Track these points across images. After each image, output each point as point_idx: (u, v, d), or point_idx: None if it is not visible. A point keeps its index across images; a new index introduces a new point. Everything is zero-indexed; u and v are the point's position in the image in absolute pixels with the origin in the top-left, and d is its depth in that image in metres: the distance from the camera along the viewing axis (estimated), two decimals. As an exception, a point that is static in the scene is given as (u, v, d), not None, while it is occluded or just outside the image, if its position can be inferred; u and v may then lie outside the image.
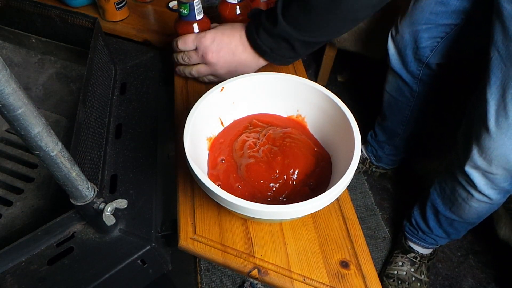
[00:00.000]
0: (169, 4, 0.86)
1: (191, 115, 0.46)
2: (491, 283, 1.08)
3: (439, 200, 0.88)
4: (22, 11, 0.68)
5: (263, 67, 0.62)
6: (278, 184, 0.47)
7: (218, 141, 0.52)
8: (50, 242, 0.47)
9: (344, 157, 0.44)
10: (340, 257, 0.48)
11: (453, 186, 0.81)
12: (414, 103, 1.01)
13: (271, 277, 0.46)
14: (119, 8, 0.79)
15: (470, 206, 0.79)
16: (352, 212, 0.53)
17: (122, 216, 0.50)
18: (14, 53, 0.73)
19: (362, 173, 1.30)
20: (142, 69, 0.72)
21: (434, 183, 0.90)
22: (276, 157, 0.48)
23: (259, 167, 0.47)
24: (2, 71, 0.26)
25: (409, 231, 1.04)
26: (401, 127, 1.09)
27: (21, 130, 0.30)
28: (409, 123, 1.07)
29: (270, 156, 0.48)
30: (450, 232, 0.92)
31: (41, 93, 0.72)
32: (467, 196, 0.78)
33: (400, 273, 1.04)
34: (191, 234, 0.50)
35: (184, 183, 0.55)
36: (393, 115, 1.08)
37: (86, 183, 0.40)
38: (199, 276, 1.03)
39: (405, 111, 1.04)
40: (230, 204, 0.39)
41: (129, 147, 0.59)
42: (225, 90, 0.51)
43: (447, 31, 0.82)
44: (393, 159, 1.23)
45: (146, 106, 0.65)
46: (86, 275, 0.45)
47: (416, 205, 1.00)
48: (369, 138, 1.22)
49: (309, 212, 0.39)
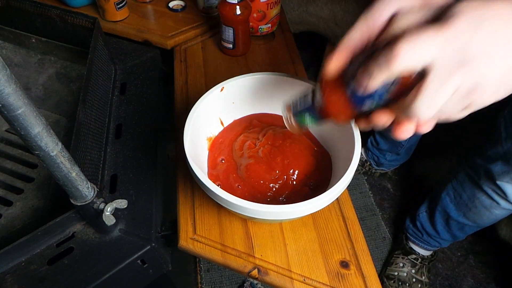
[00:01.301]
0: (169, 4, 0.86)
1: (191, 115, 0.46)
2: (491, 283, 1.08)
3: (452, 206, 0.87)
4: (22, 11, 0.68)
5: (264, 67, 0.62)
6: (278, 185, 0.47)
7: (218, 141, 0.52)
8: (50, 242, 0.47)
9: (344, 157, 0.44)
10: (340, 257, 0.48)
11: (473, 194, 0.80)
12: None
13: (271, 277, 0.46)
14: (119, 8, 0.79)
15: (491, 213, 0.78)
16: (352, 212, 0.53)
17: (122, 216, 0.50)
18: (14, 53, 0.73)
19: (362, 173, 1.29)
20: (142, 69, 0.72)
21: (447, 188, 0.88)
22: (276, 157, 0.48)
23: (259, 168, 0.47)
24: (2, 71, 0.26)
25: (413, 233, 1.03)
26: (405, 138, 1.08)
27: (21, 130, 0.30)
28: (415, 134, 1.06)
29: (270, 156, 0.48)
30: (458, 236, 0.92)
31: (41, 93, 0.72)
32: (491, 203, 0.77)
33: (400, 274, 1.04)
34: (191, 234, 0.50)
35: (184, 183, 0.55)
36: None
37: (86, 183, 0.40)
38: (199, 276, 1.03)
39: None
40: (230, 204, 0.39)
41: (129, 147, 0.59)
42: (225, 90, 0.51)
43: None
44: (394, 164, 1.23)
45: (146, 106, 0.65)
46: (86, 275, 0.45)
47: (422, 208, 0.99)
48: (369, 145, 1.21)
49: (309, 212, 0.39)
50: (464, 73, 0.25)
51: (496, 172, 0.72)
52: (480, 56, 0.24)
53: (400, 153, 1.15)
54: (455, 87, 0.25)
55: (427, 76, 0.26)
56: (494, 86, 0.25)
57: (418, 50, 0.25)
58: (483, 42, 0.24)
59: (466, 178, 0.82)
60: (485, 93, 0.26)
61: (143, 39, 0.79)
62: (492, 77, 0.25)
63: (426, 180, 1.24)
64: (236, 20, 0.69)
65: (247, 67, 0.74)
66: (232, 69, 0.74)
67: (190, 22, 0.82)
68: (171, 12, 0.85)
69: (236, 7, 0.67)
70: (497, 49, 0.24)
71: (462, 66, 0.25)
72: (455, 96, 0.26)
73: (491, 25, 0.24)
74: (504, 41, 0.24)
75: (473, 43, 0.24)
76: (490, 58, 0.24)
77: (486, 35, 0.24)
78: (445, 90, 0.25)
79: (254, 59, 0.76)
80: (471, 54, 0.24)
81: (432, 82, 0.26)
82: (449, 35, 0.24)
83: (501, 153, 0.71)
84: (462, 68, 0.25)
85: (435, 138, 1.22)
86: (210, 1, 0.81)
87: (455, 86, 0.25)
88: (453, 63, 0.25)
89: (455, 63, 0.25)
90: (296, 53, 0.77)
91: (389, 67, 0.26)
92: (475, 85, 0.25)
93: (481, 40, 0.24)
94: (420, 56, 0.25)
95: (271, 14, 0.76)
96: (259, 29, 0.78)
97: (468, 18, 0.24)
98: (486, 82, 0.25)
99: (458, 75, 0.25)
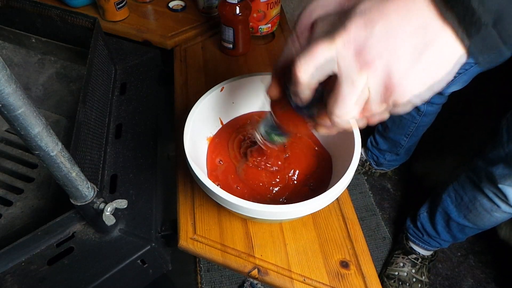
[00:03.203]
0: (169, 4, 0.86)
1: (191, 115, 0.46)
2: (491, 283, 1.08)
3: (453, 207, 0.87)
4: (22, 11, 0.68)
5: (264, 67, 0.62)
6: (278, 187, 0.47)
7: (214, 141, 0.52)
8: (50, 242, 0.47)
9: (344, 158, 0.44)
10: (340, 257, 0.48)
11: (474, 196, 0.80)
12: (421, 120, 1.00)
13: (271, 277, 0.46)
14: (119, 8, 0.79)
15: (492, 216, 0.78)
16: (352, 212, 0.53)
17: (122, 216, 0.50)
18: (14, 53, 0.73)
19: (362, 173, 1.30)
20: (142, 69, 0.72)
21: (448, 189, 0.89)
22: (276, 157, 0.48)
23: (258, 170, 0.47)
24: (2, 71, 0.26)
25: (413, 233, 1.03)
26: (405, 139, 1.08)
27: (21, 130, 0.30)
28: (414, 135, 1.06)
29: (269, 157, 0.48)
30: (458, 237, 0.92)
31: (41, 93, 0.72)
32: (492, 206, 0.77)
33: (401, 274, 1.04)
34: (191, 234, 0.50)
35: (184, 183, 0.55)
36: (396, 128, 1.07)
37: (86, 183, 0.40)
38: (199, 276, 1.03)
39: (410, 126, 1.03)
40: (230, 204, 0.39)
41: (129, 147, 0.59)
42: (225, 90, 0.51)
43: (466, 68, 0.81)
44: (394, 164, 1.23)
45: (146, 106, 0.65)
46: (86, 275, 0.45)
47: (423, 208, 0.99)
48: (369, 145, 1.22)
49: (309, 212, 0.39)
50: (369, 72, 0.26)
51: (497, 175, 0.72)
52: (380, 55, 0.25)
53: (400, 153, 1.15)
54: (362, 85, 0.26)
55: (337, 79, 0.27)
56: (408, 83, 0.26)
57: (314, 59, 0.27)
58: (379, 41, 0.25)
59: (467, 180, 0.82)
60: (402, 90, 0.26)
61: (143, 39, 0.79)
62: (402, 74, 0.25)
63: (426, 180, 1.24)
64: (236, 20, 0.69)
65: (247, 67, 0.74)
66: (232, 69, 0.74)
67: (190, 22, 0.82)
68: (171, 12, 0.85)
69: (236, 7, 0.67)
70: (396, 47, 0.25)
71: (366, 66, 0.25)
72: (373, 95, 0.27)
73: (386, 24, 0.24)
74: (402, 37, 0.24)
75: (371, 43, 0.25)
76: (393, 56, 0.25)
77: (381, 34, 0.24)
78: (354, 89, 0.26)
79: (254, 59, 0.76)
80: (371, 54, 0.25)
81: (340, 84, 0.27)
82: (344, 38, 0.25)
83: (502, 156, 0.71)
84: (366, 68, 0.25)
85: (435, 138, 1.22)
86: (210, 1, 0.81)
87: (362, 85, 0.26)
88: (357, 64, 0.26)
89: (359, 63, 0.26)
90: (296, 53, 0.77)
91: (296, 81, 0.28)
92: (386, 83, 0.26)
93: (377, 39, 0.25)
94: (318, 63, 0.27)
95: (271, 14, 0.76)
96: (259, 29, 0.78)
97: (362, 19, 0.25)
98: (397, 80, 0.25)
99: (364, 74, 0.26)
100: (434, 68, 0.25)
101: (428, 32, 0.24)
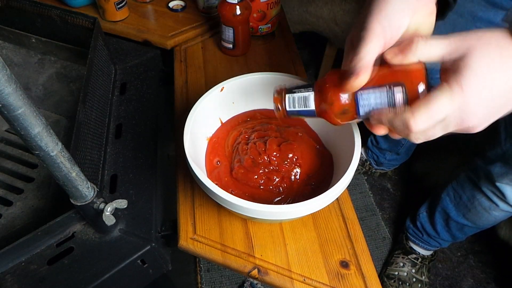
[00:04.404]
0: (169, 4, 0.86)
1: (191, 115, 0.46)
2: (491, 283, 1.08)
3: (452, 206, 0.87)
4: (22, 11, 0.68)
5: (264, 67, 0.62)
6: (278, 188, 0.47)
7: (212, 141, 0.52)
8: (50, 242, 0.47)
9: (345, 157, 0.44)
10: (340, 257, 0.48)
11: (473, 195, 0.80)
12: None
13: (271, 277, 0.46)
14: (119, 8, 0.79)
15: (490, 214, 0.78)
16: (352, 212, 0.53)
17: (122, 216, 0.50)
18: (14, 53, 0.73)
19: (362, 173, 1.30)
20: (142, 69, 0.72)
21: (447, 189, 0.89)
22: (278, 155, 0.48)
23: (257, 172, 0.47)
24: (2, 71, 0.26)
25: (413, 233, 1.03)
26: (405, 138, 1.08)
27: (21, 130, 0.30)
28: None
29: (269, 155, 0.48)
30: (458, 236, 0.92)
31: (41, 93, 0.72)
32: (490, 205, 0.77)
33: (401, 274, 1.04)
34: (191, 234, 0.50)
35: (184, 183, 0.55)
36: None
37: (86, 183, 0.40)
38: (199, 276, 1.03)
39: None
40: (230, 204, 0.39)
41: (129, 147, 0.59)
42: (225, 90, 0.51)
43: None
44: (394, 164, 1.23)
45: (146, 106, 0.65)
46: (86, 275, 0.45)
47: (423, 208, 0.99)
48: (369, 144, 1.22)
49: (309, 212, 0.39)
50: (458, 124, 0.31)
51: (495, 173, 0.72)
52: (478, 118, 0.31)
53: (400, 152, 1.15)
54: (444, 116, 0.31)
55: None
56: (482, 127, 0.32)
57: (434, 115, 0.30)
58: (480, 99, 0.30)
59: (466, 179, 0.82)
60: (473, 131, 0.32)
61: (143, 39, 0.79)
62: (481, 125, 0.32)
63: (426, 180, 1.24)
64: (236, 20, 0.69)
65: (247, 67, 0.74)
66: (232, 69, 0.74)
67: (190, 22, 0.82)
68: (171, 12, 0.85)
69: (236, 7, 0.67)
70: (492, 116, 0.32)
71: (461, 120, 0.31)
72: (450, 129, 0.32)
73: (491, 89, 0.30)
74: (500, 103, 0.31)
75: (473, 104, 0.30)
76: (486, 122, 0.32)
77: (486, 103, 0.30)
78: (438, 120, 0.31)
79: (254, 59, 0.76)
80: (471, 117, 0.31)
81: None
82: (460, 101, 0.30)
83: (500, 154, 0.71)
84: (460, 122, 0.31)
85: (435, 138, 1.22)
86: (210, 1, 0.81)
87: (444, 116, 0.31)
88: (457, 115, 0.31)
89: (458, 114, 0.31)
90: (296, 53, 0.77)
91: (409, 128, 0.31)
92: (464, 129, 0.32)
93: (483, 108, 0.30)
94: (437, 119, 0.31)
95: (271, 14, 0.76)
96: (259, 29, 0.78)
97: (476, 80, 0.29)
98: (473, 128, 0.32)
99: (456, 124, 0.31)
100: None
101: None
